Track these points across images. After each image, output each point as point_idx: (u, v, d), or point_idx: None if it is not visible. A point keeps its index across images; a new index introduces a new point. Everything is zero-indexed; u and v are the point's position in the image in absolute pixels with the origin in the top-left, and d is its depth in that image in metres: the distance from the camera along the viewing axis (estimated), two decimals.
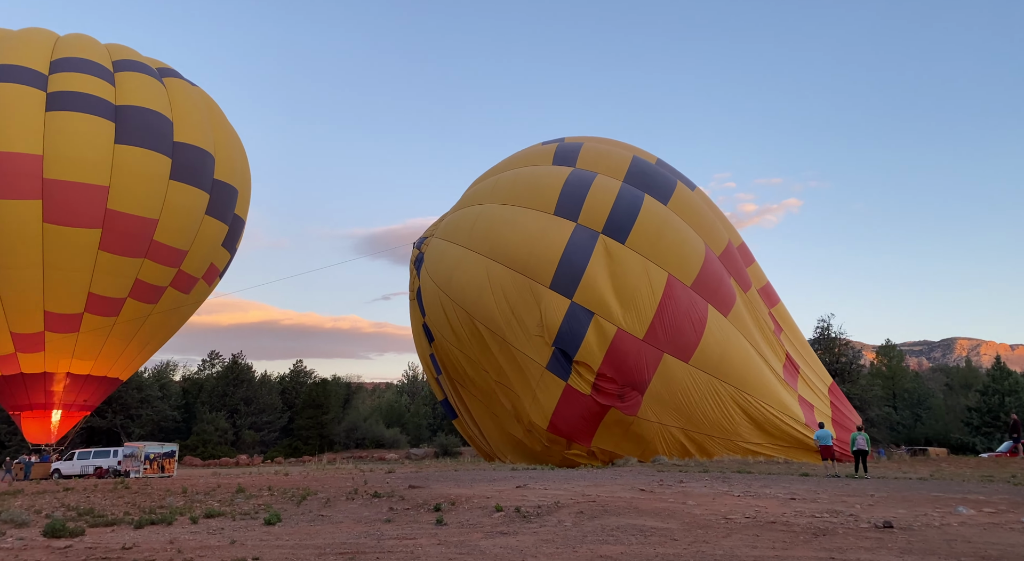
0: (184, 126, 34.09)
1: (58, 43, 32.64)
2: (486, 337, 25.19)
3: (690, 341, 24.24)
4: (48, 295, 32.13)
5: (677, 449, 24.58)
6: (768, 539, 7.89)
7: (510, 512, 10.71)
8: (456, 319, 26.06)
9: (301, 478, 19.05)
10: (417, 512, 11.60)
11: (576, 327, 23.73)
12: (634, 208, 25.37)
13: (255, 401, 56.28)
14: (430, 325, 28.46)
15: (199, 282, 37.92)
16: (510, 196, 26.64)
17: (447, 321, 26.59)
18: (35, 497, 17.38)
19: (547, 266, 24.23)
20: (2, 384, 34.02)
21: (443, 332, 27.37)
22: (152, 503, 15.32)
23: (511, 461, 28.75)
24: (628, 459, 23.29)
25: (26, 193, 30.34)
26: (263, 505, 13.92)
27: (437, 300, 26.98)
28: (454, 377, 29.21)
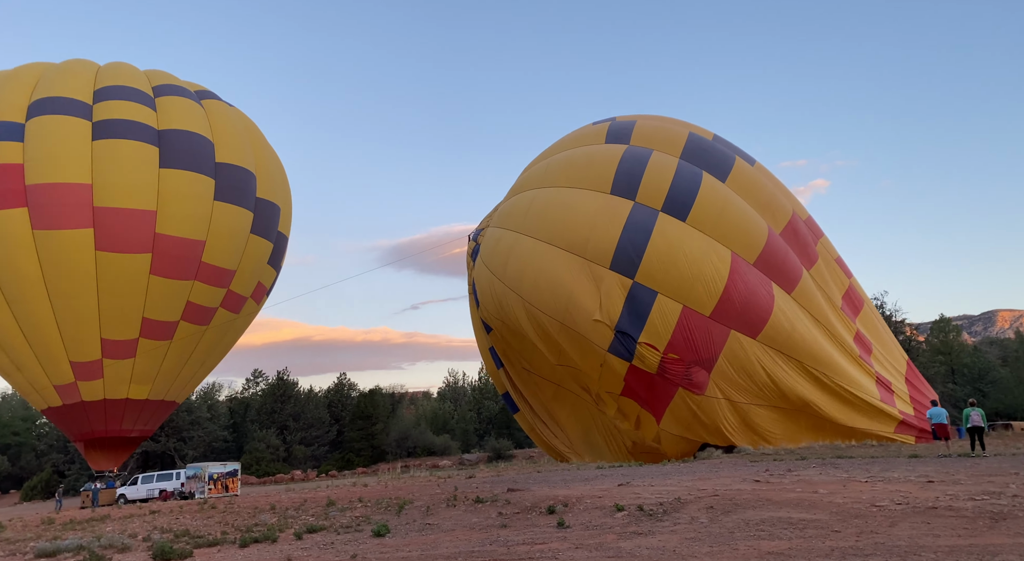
0: (225, 146, 34.31)
1: (100, 72, 33.03)
2: (544, 323, 24.77)
3: (758, 317, 23.67)
4: (104, 322, 32.46)
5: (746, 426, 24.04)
6: (943, 526, 7.44)
7: (632, 511, 10.35)
8: (513, 307, 25.64)
9: (383, 489, 18.86)
10: (529, 516, 11.28)
11: (639, 307, 23.25)
12: (694, 185, 24.75)
13: (303, 416, 56.60)
14: (486, 316, 28.15)
15: (248, 301, 38.12)
16: (564, 178, 26.11)
17: (504, 309, 26.21)
18: (124, 521, 17.39)
19: (606, 247, 23.72)
20: (64, 413, 34.43)
21: (500, 321, 27.03)
22: (245, 521, 15.20)
23: (580, 454, 28.41)
24: (710, 451, 22.79)
25: (78, 222, 30.70)
26: (361, 517, 13.70)
27: (492, 289, 26.59)
28: (514, 369, 28.90)
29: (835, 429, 24.08)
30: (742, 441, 24.09)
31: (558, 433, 29.10)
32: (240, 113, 37.55)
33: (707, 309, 23.50)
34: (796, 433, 23.91)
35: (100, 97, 31.88)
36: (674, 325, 23.21)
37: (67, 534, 16.39)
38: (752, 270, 24.29)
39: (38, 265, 30.86)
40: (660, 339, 23.27)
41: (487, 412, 64.24)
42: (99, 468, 35.99)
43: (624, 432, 25.87)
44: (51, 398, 33.74)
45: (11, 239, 30.18)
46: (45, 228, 30.44)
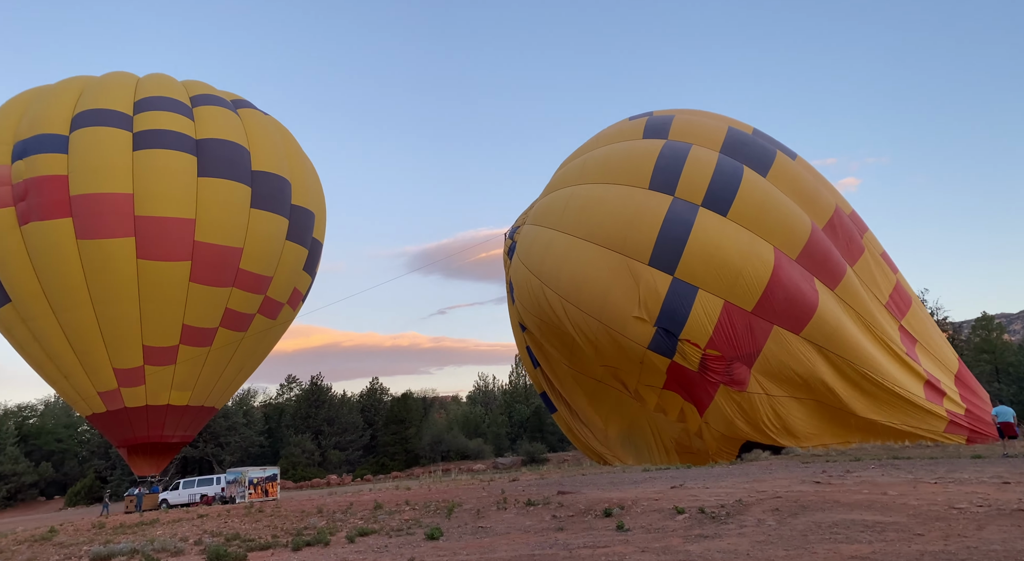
0: (261, 154, 34.72)
1: (139, 84, 33.64)
2: (582, 320, 24.53)
3: (802, 313, 23.23)
4: (146, 329, 32.95)
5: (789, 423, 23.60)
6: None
7: (693, 513, 10.13)
8: (550, 303, 25.46)
9: (427, 491, 18.82)
10: (585, 519, 11.12)
11: (680, 303, 22.95)
12: (734, 179, 24.36)
13: (337, 421, 56.96)
14: (523, 314, 28.01)
15: (284, 307, 38.49)
16: (601, 174, 25.85)
17: (541, 307, 26.04)
18: (173, 525, 17.57)
19: (645, 242, 23.43)
20: (108, 419, 34.99)
21: (537, 319, 26.88)
22: (293, 525, 15.24)
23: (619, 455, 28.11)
24: (757, 452, 22.37)
25: (120, 231, 31.24)
26: (411, 520, 13.64)
27: (529, 286, 26.44)
28: (551, 368, 28.72)
29: (882, 430, 23.51)
30: (785, 439, 23.66)
31: (596, 433, 28.84)
32: (275, 121, 38.00)
33: (749, 304, 23.09)
34: (844, 433, 23.39)
35: (140, 108, 32.45)
36: (715, 321, 22.85)
37: (118, 538, 16.60)
38: (795, 265, 23.85)
39: (82, 274, 31.46)
40: (701, 335, 22.93)
41: (518, 416, 64.08)
42: (142, 473, 36.51)
43: (666, 426, 25.53)
44: (95, 405, 34.34)
45: (57, 249, 30.81)
46: (89, 237, 31.01)
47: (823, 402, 23.69)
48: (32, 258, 31.32)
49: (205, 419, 38.94)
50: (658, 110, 29.30)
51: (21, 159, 30.87)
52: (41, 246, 30.97)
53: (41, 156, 30.86)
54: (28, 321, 32.56)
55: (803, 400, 23.79)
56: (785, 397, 23.66)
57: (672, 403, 24.81)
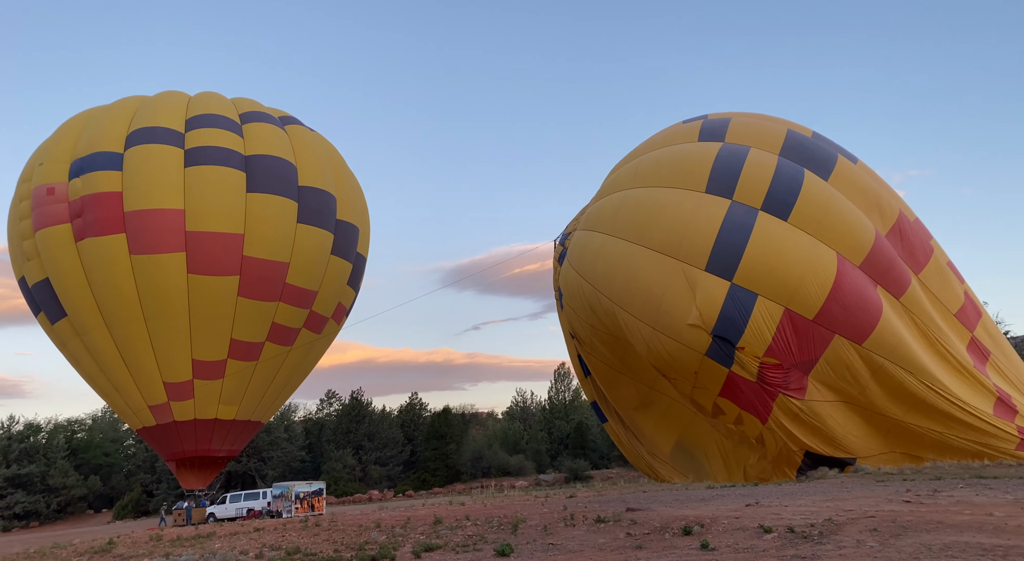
0: (307, 170, 35.12)
1: (191, 102, 34.37)
2: (635, 327, 24.00)
3: (866, 323, 22.45)
4: (195, 343, 33.35)
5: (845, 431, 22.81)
6: None
7: (782, 532, 9.65)
8: (603, 309, 24.98)
9: (483, 507, 18.51)
10: (663, 537, 10.68)
11: (738, 310, 22.29)
12: (795, 182, 23.73)
13: (378, 436, 56.99)
14: (573, 321, 27.61)
15: (329, 321, 38.69)
16: (655, 177, 25.36)
17: (593, 313, 25.57)
18: (230, 538, 17.51)
19: (702, 247, 22.86)
20: (157, 433, 35.40)
21: (588, 326, 26.42)
22: (353, 539, 15.03)
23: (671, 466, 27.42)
24: (824, 470, 21.60)
25: (172, 247, 31.76)
26: (475, 536, 13.33)
27: (581, 292, 26.01)
28: (601, 377, 28.23)
29: (952, 447, 22.54)
30: (844, 449, 22.83)
31: (647, 444, 28.17)
32: (321, 137, 38.48)
33: (811, 312, 22.40)
34: (914, 449, 22.48)
35: (191, 125, 33.12)
36: (775, 329, 22.19)
37: (177, 550, 16.58)
38: (858, 272, 23.12)
39: (135, 289, 32.00)
40: (760, 344, 22.27)
41: (558, 432, 63.39)
42: (189, 487, 36.80)
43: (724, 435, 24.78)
44: (146, 418, 34.78)
45: (112, 264, 31.42)
46: (141, 253, 31.57)
47: (884, 415, 22.83)
48: (87, 273, 31.98)
49: (251, 433, 39.20)
50: (712, 113, 28.81)
51: (78, 177, 31.66)
52: (96, 261, 31.62)
53: (97, 173, 31.61)
54: (82, 335, 33.22)
55: (861, 410, 22.97)
56: (843, 405, 22.87)
57: (729, 409, 24.10)
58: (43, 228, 31.82)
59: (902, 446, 23.15)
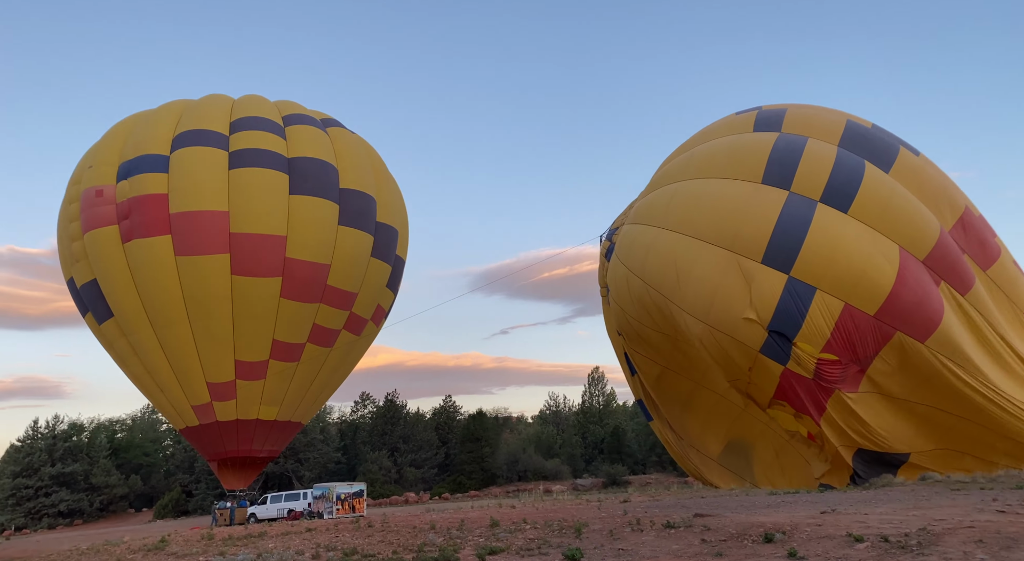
0: (348, 172, 35.26)
1: (235, 105, 34.71)
2: (687, 323, 23.42)
3: (929, 320, 21.65)
4: (238, 344, 33.59)
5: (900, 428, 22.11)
6: None
7: (875, 541, 9.20)
8: (652, 306, 24.43)
9: (536, 510, 18.22)
10: (742, 544, 10.29)
11: (795, 304, 21.60)
12: (856, 174, 22.94)
13: (412, 439, 57.01)
14: (620, 317, 27.12)
15: (368, 323, 38.77)
16: (708, 168, 24.71)
17: (643, 308, 25.01)
18: (283, 538, 17.46)
19: (758, 239, 22.18)
20: (200, 433, 35.72)
21: (636, 322, 25.87)
22: (408, 541, 14.84)
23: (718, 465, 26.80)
24: (888, 477, 20.89)
25: (216, 248, 32.05)
26: (536, 539, 13.04)
27: (629, 287, 25.48)
28: (646, 375, 27.68)
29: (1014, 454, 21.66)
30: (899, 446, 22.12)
31: (694, 441, 27.50)
32: (361, 140, 38.62)
33: (872, 308, 21.62)
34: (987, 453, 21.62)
35: (235, 128, 33.44)
36: (834, 324, 21.48)
37: (231, 549, 16.55)
38: (922, 268, 22.34)
39: (180, 290, 32.33)
40: (818, 339, 21.59)
41: (592, 437, 62.88)
42: (231, 487, 37.07)
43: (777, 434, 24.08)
44: (189, 418, 35.12)
45: (158, 266, 31.80)
46: (186, 254, 31.90)
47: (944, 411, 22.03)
48: (134, 274, 32.39)
49: (292, 434, 39.41)
50: (766, 104, 28.17)
51: (126, 179, 32.13)
52: (142, 263, 32.02)
53: (144, 175, 32.05)
54: (128, 335, 33.66)
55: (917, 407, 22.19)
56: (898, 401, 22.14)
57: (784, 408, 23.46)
58: (91, 230, 32.34)
59: (959, 444, 22.34)
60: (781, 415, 23.40)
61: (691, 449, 27.76)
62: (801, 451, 23.89)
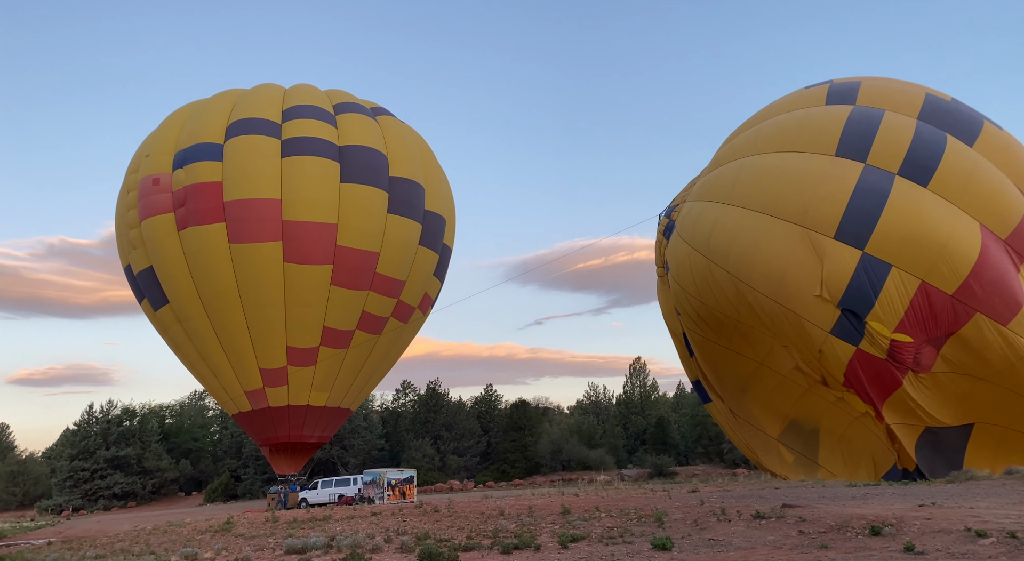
0: (398, 161, 35.26)
1: (286, 94, 34.91)
2: (754, 301, 22.77)
3: (1013, 301, 20.79)
4: (290, 331, 33.92)
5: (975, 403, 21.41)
6: None
7: (1002, 537, 8.75)
8: (717, 283, 23.85)
9: (602, 499, 17.99)
10: (845, 536, 9.91)
11: (869, 281, 20.87)
12: (937, 147, 22.09)
13: (455, 427, 57.17)
14: (680, 297, 26.52)
15: (415, 311, 38.87)
16: (778, 142, 23.96)
17: (707, 287, 24.36)
18: (348, 522, 17.53)
19: (831, 213, 21.46)
20: (252, 418, 36.23)
21: (698, 301, 25.20)
22: (478, 527, 14.73)
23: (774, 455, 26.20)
24: (971, 471, 20.14)
25: (269, 236, 32.35)
26: (615, 527, 12.81)
27: (692, 265, 24.91)
28: (705, 356, 27.05)
29: None
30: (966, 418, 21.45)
31: (754, 422, 26.76)
32: (410, 129, 38.59)
33: (951, 287, 20.78)
34: None
35: (288, 117, 33.64)
36: (908, 303, 20.71)
37: (299, 532, 16.65)
38: (1004, 246, 21.42)
39: (234, 277, 32.72)
40: (891, 318, 20.82)
41: (634, 427, 62.39)
42: (282, 472, 37.58)
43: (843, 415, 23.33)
44: (242, 404, 35.63)
45: (212, 253, 32.21)
46: (240, 241, 32.25)
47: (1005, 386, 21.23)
48: (189, 261, 32.88)
49: (341, 420, 39.79)
50: (838, 78, 27.22)
51: (181, 167, 32.57)
52: (197, 250, 32.47)
53: (198, 164, 32.45)
54: (183, 322, 34.22)
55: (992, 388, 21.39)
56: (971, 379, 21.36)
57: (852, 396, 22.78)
58: (148, 217, 32.88)
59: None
60: (854, 397, 22.68)
61: (749, 429, 27.02)
62: (873, 430, 23.04)
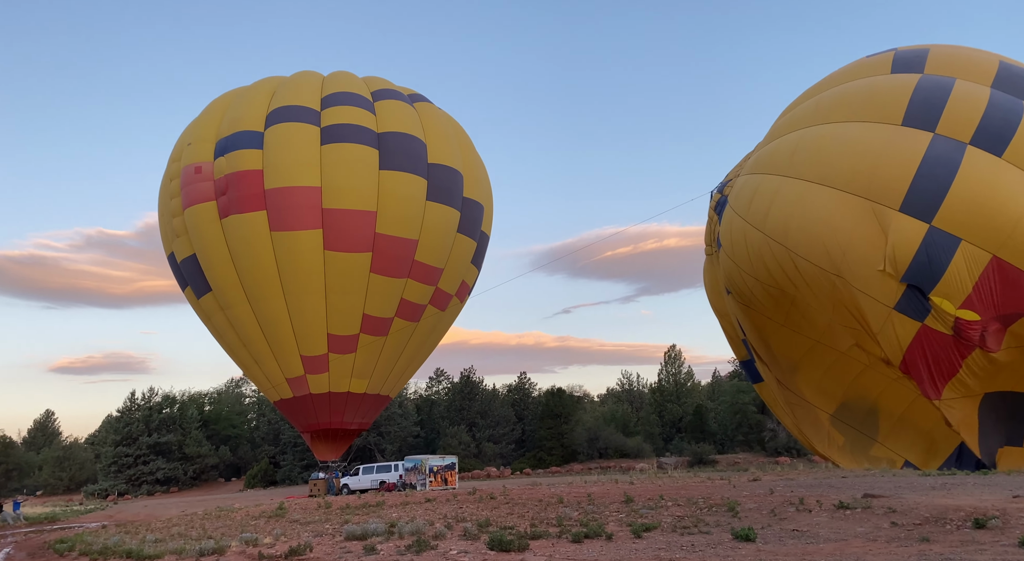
0: (436, 147, 35.00)
1: (325, 82, 34.80)
2: (814, 277, 22.08)
3: None
4: (330, 318, 33.99)
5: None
6: None
7: None
8: (772, 260, 23.14)
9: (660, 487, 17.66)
10: (944, 529, 9.47)
11: (936, 255, 20.07)
12: (1013, 115, 21.10)
13: (490, 414, 57.18)
14: (731, 273, 25.82)
15: (453, 299, 38.73)
16: (840, 112, 23.05)
17: (762, 263, 23.63)
18: (403, 508, 17.45)
19: (897, 185, 20.61)
20: (294, 405, 36.48)
21: (752, 278, 24.47)
22: (539, 514, 14.49)
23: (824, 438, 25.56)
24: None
25: (309, 223, 32.36)
26: (685, 517, 12.48)
27: (747, 240, 24.17)
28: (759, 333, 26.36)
29: None
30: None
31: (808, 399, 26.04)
32: (448, 115, 38.29)
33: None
34: None
35: (327, 104, 33.52)
36: (977, 278, 19.87)
37: (354, 518, 16.59)
38: None
39: (275, 265, 32.83)
40: (957, 294, 20.00)
41: (670, 415, 61.87)
42: (323, 458, 37.84)
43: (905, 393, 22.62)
44: (283, 391, 35.87)
45: (254, 241, 32.31)
46: (281, 229, 32.31)
47: None
48: (231, 249, 33.05)
49: (380, 407, 39.91)
50: (902, 46, 26.17)
51: (223, 155, 32.66)
52: (239, 238, 32.60)
53: (239, 152, 32.50)
54: (226, 309, 34.46)
55: None
56: None
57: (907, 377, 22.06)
58: (191, 206, 33.07)
59: None
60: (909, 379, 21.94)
61: (801, 409, 26.26)
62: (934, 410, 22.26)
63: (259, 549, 13.16)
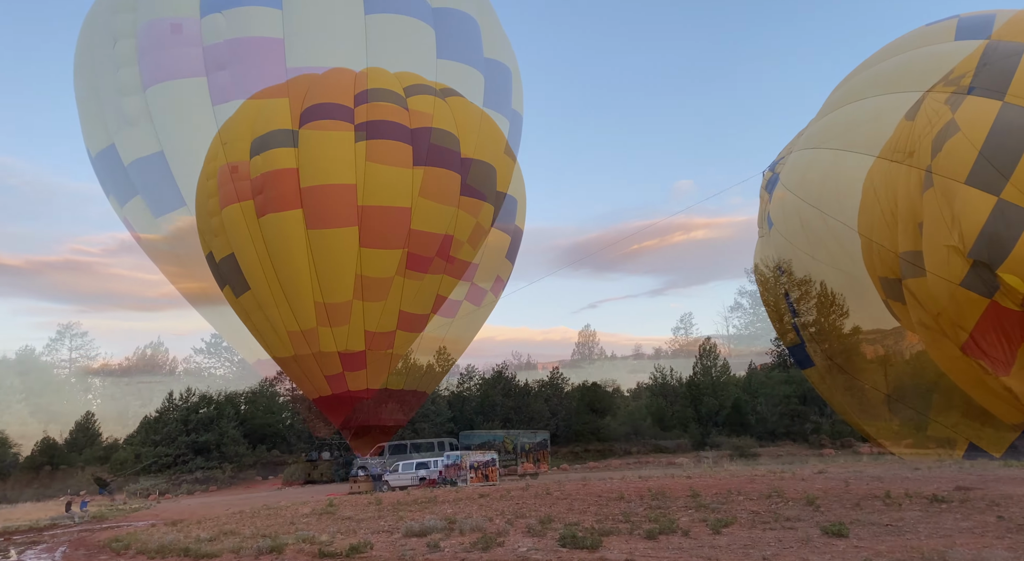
0: (469, 142, 34.67)
1: (357, 78, 34.60)
2: (873, 253, 21.35)
3: None
4: (367, 316, 33.92)
5: None
6: None
7: None
8: (828, 236, 22.44)
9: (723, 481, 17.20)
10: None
11: (1005, 230, 19.15)
12: None
13: (524, 410, 56.84)
14: (784, 251, 25.10)
15: (488, 294, 38.51)
16: (903, 81, 22.19)
17: (818, 240, 22.94)
18: (457, 504, 17.18)
19: (962, 157, 19.73)
20: (332, 402, 36.51)
21: (808, 256, 23.79)
22: (601, 509, 14.10)
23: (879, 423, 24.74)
24: None
25: (345, 221, 32.26)
26: (761, 512, 12.00)
27: (800, 217, 23.51)
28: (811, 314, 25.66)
29: None
30: None
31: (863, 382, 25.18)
32: (479, 109, 37.86)
33: None
34: None
35: (359, 100, 33.33)
36: None
37: (408, 515, 16.35)
38: None
39: (311, 263, 32.80)
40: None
41: (706, 409, 60.96)
42: (361, 455, 37.88)
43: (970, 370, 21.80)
44: (322, 388, 35.89)
45: (290, 239, 32.30)
46: (318, 227, 32.25)
47: None
48: (268, 248, 33.07)
49: (418, 404, 39.89)
50: (966, 12, 25.17)
51: (259, 154, 32.66)
52: (276, 236, 32.59)
53: (274, 151, 32.46)
54: (264, 308, 34.52)
55: None
56: None
57: None
58: (228, 205, 33.12)
59: None
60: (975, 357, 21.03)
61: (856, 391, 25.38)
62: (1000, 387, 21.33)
63: (318, 547, 12.92)
